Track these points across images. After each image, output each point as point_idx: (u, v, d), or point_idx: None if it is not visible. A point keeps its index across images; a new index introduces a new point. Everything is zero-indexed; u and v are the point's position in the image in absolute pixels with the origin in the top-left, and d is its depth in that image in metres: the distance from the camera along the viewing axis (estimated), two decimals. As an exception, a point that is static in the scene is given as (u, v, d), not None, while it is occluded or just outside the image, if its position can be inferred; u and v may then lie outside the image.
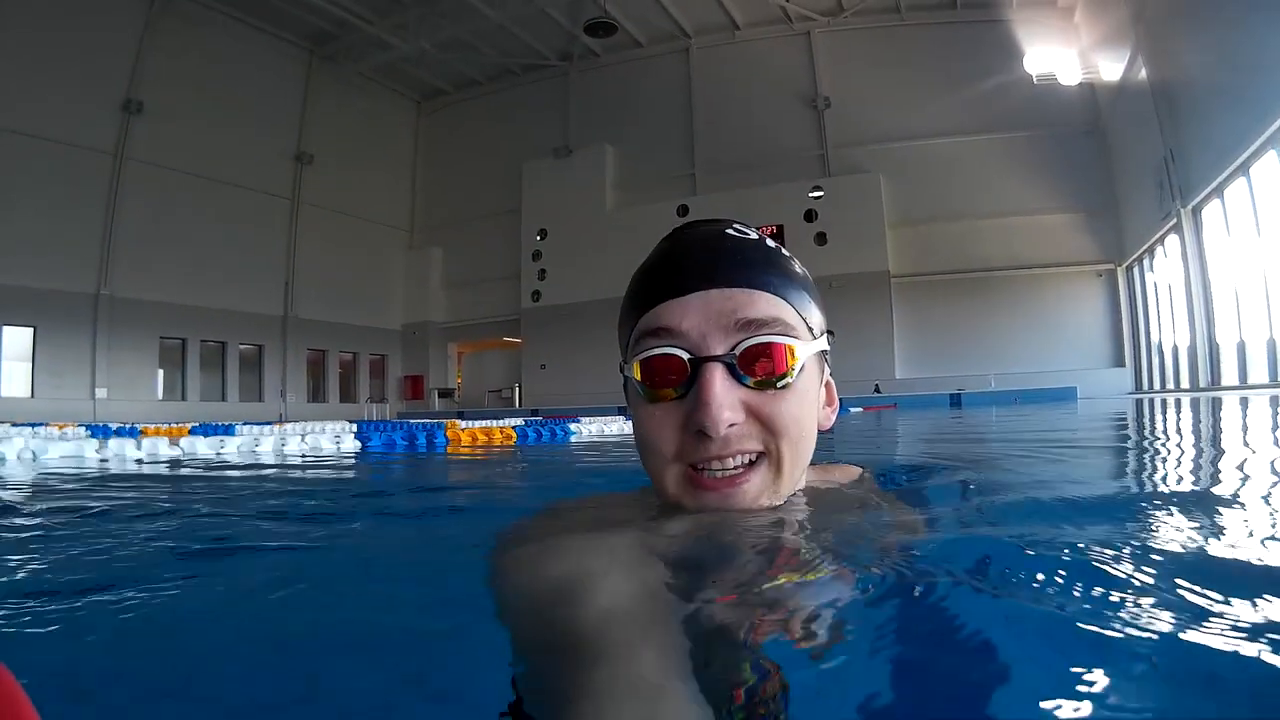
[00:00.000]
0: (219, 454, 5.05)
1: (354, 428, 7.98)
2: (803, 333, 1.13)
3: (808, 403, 1.14)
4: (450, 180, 31.75)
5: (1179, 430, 4.88)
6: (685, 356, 1.08)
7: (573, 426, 7.18)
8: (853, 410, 13.55)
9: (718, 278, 1.10)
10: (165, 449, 5.10)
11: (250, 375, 27.51)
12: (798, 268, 1.20)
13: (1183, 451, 3.29)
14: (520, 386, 29.62)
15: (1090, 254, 22.96)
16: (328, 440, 5.75)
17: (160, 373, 25.17)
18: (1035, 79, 22.88)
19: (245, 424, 9.62)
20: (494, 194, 30.15)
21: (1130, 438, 4.51)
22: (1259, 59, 12.81)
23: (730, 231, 1.17)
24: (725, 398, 1.05)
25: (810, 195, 25.07)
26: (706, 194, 26.35)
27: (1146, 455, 3.15)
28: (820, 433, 1.21)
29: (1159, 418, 6.57)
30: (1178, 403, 10.08)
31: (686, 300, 1.10)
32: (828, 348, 1.20)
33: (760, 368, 1.08)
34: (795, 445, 1.11)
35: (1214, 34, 14.58)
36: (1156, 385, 20.52)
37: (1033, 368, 22.07)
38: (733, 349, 1.07)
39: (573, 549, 1.00)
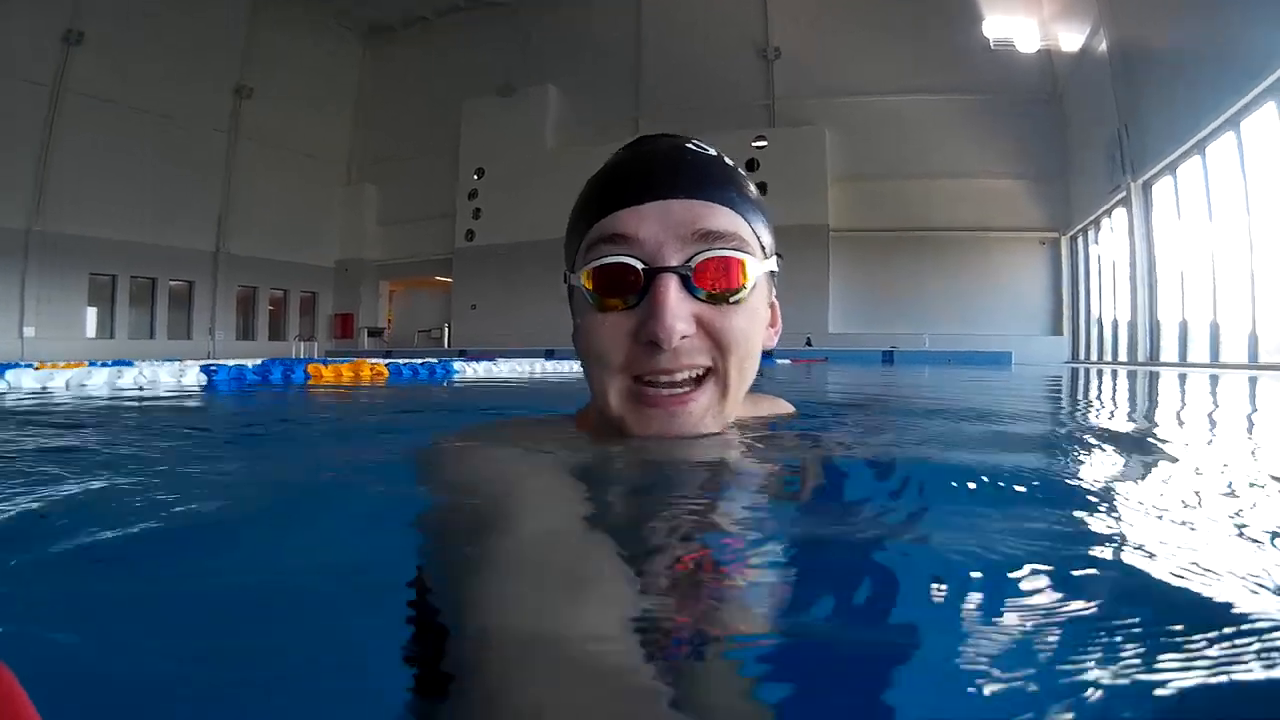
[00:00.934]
0: (45, 388, 4.66)
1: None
2: (756, 250, 1.13)
3: (757, 321, 1.14)
4: (392, 117, 30.55)
5: (1099, 394, 5.26)
6: (640, 266, 1.06)
7: (456, 365, 6.91)
8: (779, 362, 13.40)
9: (679, 188, 1.09)
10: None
11: (180, 312, 26.64)
12: (753, 187, 1.21)
13: (1101, 410, 3.64)
14: (450, 327, 28.95)
15: (1035, 221, 22.66)
16: (168, 374, 5.44)
17: (92, 311, 24.27)
18: (993, 44, 22.27)
19: (164, 361, 8.94)
20: (435, 131, 29.07)
21: (1059, 401, 4.64)
22: (1224, 39, 12.52)
23: (690, 146, 1.18)
24: (679, 309, 1.04)
25: (753, 145, 24.37)
26: None
27: (1071, 416, 3.24)
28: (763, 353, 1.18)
29: (1085, 385, 6.84)
30: (1114, 373, 9.95)
31: (645, 208, 1.08)
32: (777, 269, 1.21)
33: (715, 281, 1.07)
34: (742, 363, 1.11)
35: (1179, 11, 14.23)
36: (1094, 356, 20.44)
37: (969, 330, 21.78)
38: (688, 261, 1.06)
39: (495, 460, 1.11)
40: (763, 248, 1.16)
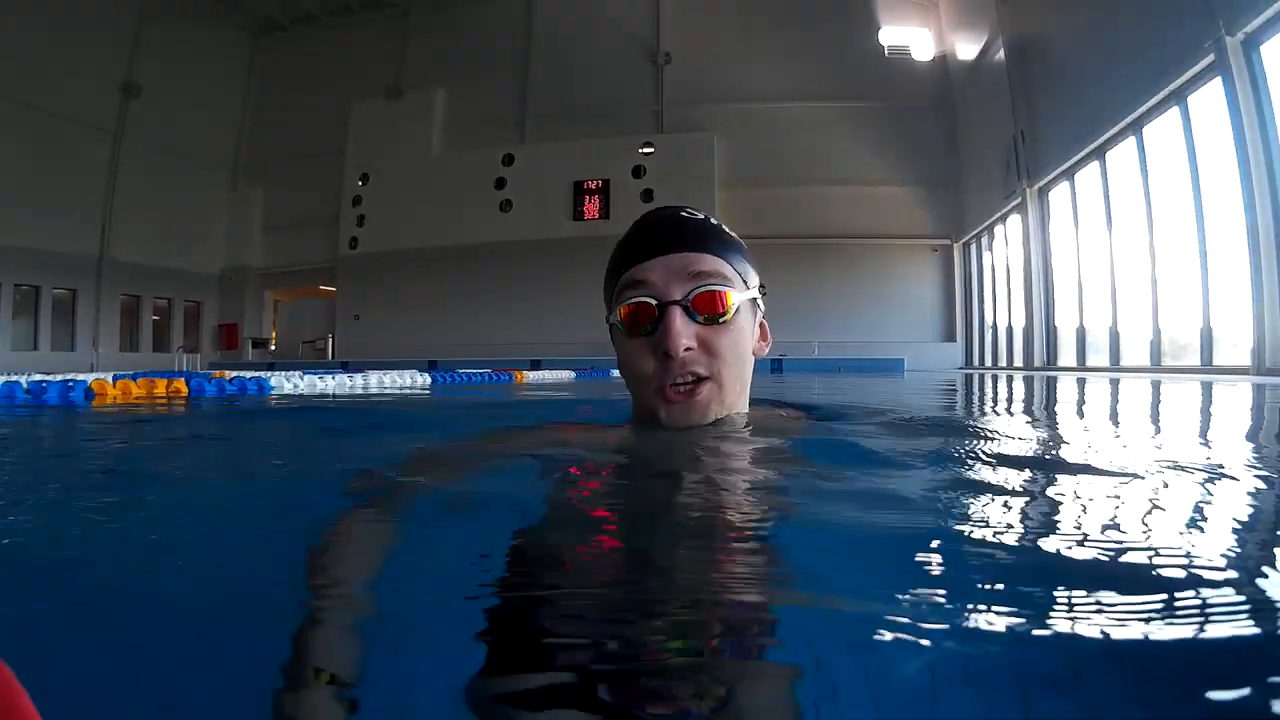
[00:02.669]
0: None
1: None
2: (737, 284, 1.49)
3: (743, 337, 1.49)
4: (280, 119, 28.56)
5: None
6: (653, 303, 1.42)
7: (273, 380, 5.96)
8: None
9: (675, 244, 1.46)
10: None
11: (63, 322, 24.65)
12: (733, 237, 1.57)
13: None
14: (334, 337, 27.27)
15: (927, 228, 22.23)
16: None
17: (-21, 322, 22.47)
18: (887, 51, 21.89)
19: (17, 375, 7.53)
20: (321, 134, 27.26)
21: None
22: (1125, 45, 12.15)
23: (684, 214, 1.54)
24: (683, 330, 1.39)
25: (640, 150, 23.66)
26: (534, 144, 24.65)
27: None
28: (756, 359, 1.59)
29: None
30: (1003, 378, 9.38)
31: (653, 261, 1.45)
32: (758, 297, 1.57)
33: (707, 309, 1.42)
34: (732, 368, 1.46)
35: (1079, 18, 13.87)
36: (988, 362, 20.09)
37: (860, 337, 21.18)
38: (687, 295, 1.41)
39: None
40: (744, 282, 1.53)
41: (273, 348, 29.35)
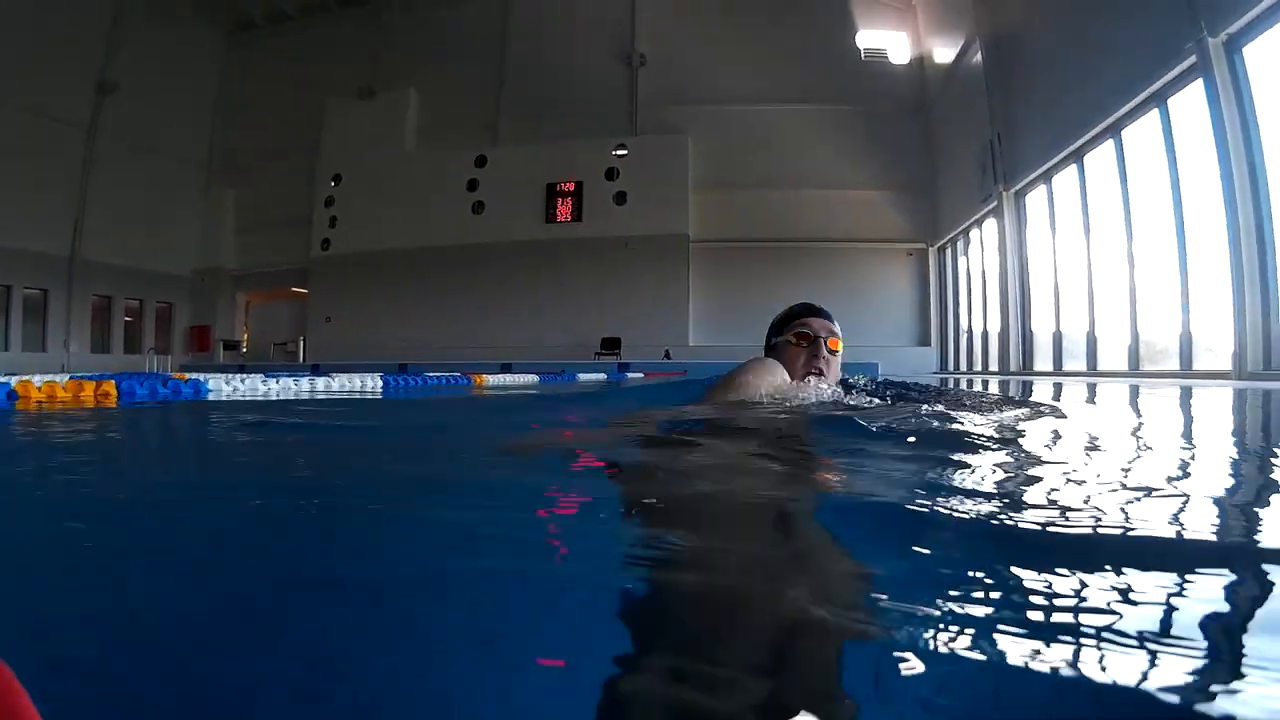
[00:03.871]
0: None
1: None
2: (841, 339, 2.65)
3: (839, 362, 2.67)
4: (252, 118, 27.95)
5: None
6: (811, 334, 2.58)
7: (210, 383, 5.47)
8: (630, 376, 13.45)
9: (820, 315, 2.66)
10: None
11: (34, 323, 24.07)
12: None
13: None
14: (305, 340, 26.72)
15: (902, 232, 21.98)
16: None
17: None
18: (864, 54, 21.63)
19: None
20: (295, 135, 26.73)
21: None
22: (1104, 47, 11.88)
23: (818, 305, 2.72)
24: (824, 353, 2.57)
25: (614, 153, 23.32)
26: (508, 145, 24.33)
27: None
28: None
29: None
30: (984, 380, 9.04)
31: (813, 319, 2.63)
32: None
33: (833, 346, 2.60)
34: (834, 374, 2.63)
35: (1057, 22, 13.63)
36: (963, 366, 19.84)
37: (834, 341, 20.84)
38: (826, 337, 2.58)
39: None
40: (842, 338, 2.66)
41: (244, 350, 28.73)
